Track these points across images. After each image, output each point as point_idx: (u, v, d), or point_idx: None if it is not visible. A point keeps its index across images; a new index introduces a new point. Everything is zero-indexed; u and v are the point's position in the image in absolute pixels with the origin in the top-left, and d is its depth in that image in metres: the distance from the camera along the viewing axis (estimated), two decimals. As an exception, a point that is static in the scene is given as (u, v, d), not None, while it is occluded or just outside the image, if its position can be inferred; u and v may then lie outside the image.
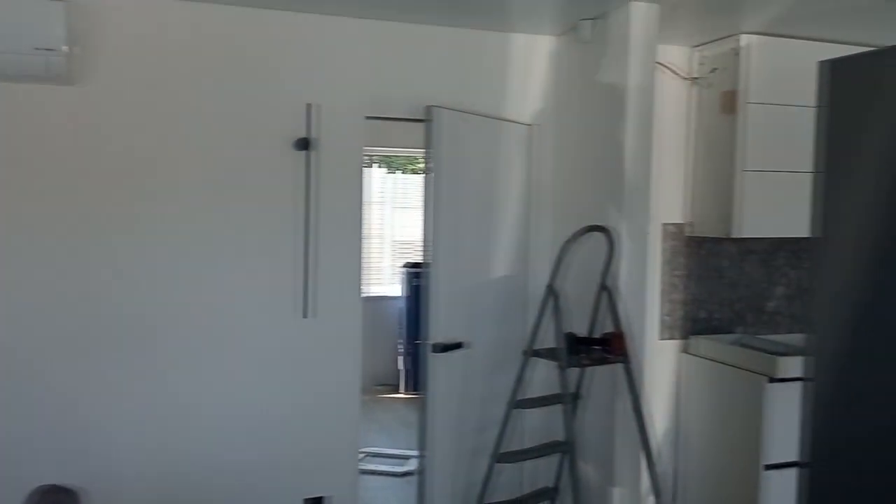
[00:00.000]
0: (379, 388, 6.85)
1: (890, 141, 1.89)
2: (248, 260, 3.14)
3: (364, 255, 3.02)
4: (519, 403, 2.92)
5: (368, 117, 3.28)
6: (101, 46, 2.92)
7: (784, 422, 3.27)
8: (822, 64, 2.10)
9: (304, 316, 3.19)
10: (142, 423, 3.02)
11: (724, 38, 3.51)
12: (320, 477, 3.28)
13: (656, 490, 2.96)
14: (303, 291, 3.18)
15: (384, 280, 7.65)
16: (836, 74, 2.06)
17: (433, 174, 2.92)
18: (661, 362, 3.85)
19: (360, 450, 5.09)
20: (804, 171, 3.51)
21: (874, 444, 1.93)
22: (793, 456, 2.16)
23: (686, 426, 3.84)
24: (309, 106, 3.15)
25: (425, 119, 2.94)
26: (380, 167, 8.56)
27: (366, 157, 8.71)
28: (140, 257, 3.00)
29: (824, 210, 2.10)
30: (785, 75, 3.37)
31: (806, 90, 2.96)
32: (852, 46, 3.12)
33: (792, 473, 2.19)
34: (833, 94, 2.08)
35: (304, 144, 3.13)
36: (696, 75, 3.69)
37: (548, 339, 2.93)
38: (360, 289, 3.34)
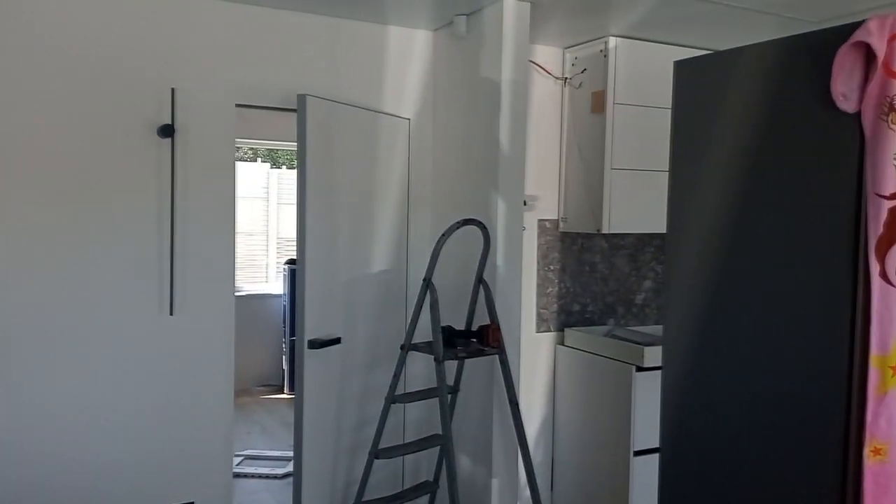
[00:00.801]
0: (262, 388, 6.66)
1: (734, 139, 2.01)
2: (110, 253, 2.96)
3: (241, 250, 2.92)
4: (396, 398, 2.91)
5: (239, 105, 3.17)
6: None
7: (651, 409, 3.42)
8: (676, 64, 2.21)
9: (171, 313, 3.04)
10: (-12, 432, 2.79)
11: (594, 40, 3.64)
12: (190, 482, 3.14)
13: (531, 481, 3.03)
14: (169, 287, 3.03)
15: (269, 278, 7.46)
16: (685, 75, 2.17)
17: (305, 165, 2.86)
18: (538, 354, 3.95)
19: (238, 453, 4.94)
20: (665, 169, 3.73)
21: (721, 432, 2.05)
22: (658, 442, 2.27)
23: (562, 416, 3.96)
24: (173, 91, 3.00)
25: (297, 108, 2.86)
26: (264, 162, 8.34)
27: (249, 151, 8.48)
28: (-16, 253, 2.77)
29: (676, 207, 2.21)
30: (647, 77, 3.54)
31: (665, 92, 3.12)
32: (707, 51, 3.32)
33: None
34: (682, 95, 2.19)
35: (168, 131, 2.99)
36: (567, 76, 3.81)
37: (427, 333, 2.94)
38: (232, 286, 3.22)
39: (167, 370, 3.07)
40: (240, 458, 4.83)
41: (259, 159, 8.54)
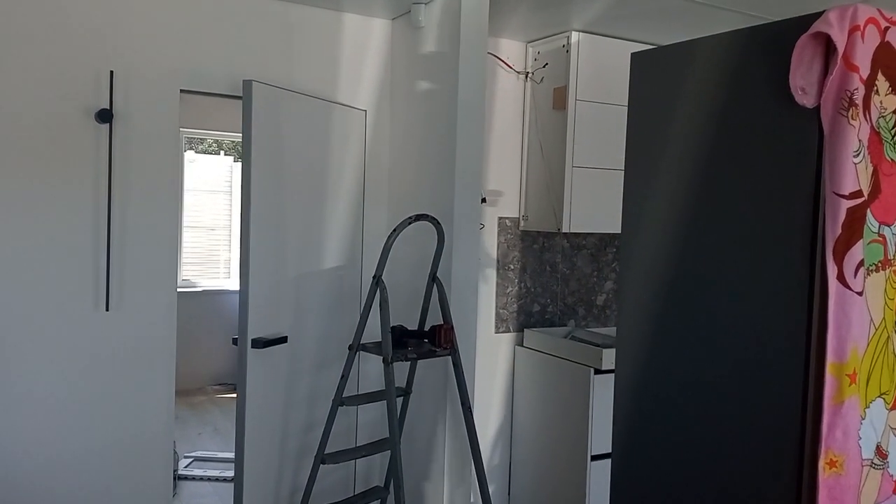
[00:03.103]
0: (218, 387, 6.48)
1: (689, 135, 1.93)
2: (41, 244, 2.79)
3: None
4: (344, 401, 2.78)
5: (184, 91, 3.02)
6: None
7: (609, 413, 3.35)
8: (633, 56, 2.12)
9: (107, 308, 2.89)
10: None
11: (556, 34, 3.55)
12: (125, 488, 2.98)
13: (482, 487, 2.93)
14: (105, 282, 2.87)
15: (231, 273, 7.27)
16: (642, 68, 2.08)
17: (250, 155, 2.72)
18: (497, 355, 3.86)
19: (188, 454, 4.77)
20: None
21: (672, 438, 1.97)
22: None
23: (520, 418, 3.87)
24: (112, 73, 2.84)
25: (242, 95, 2.72)
26: (227, 154, 8.13)
27: (214, 144, 8.27)
28: None
29: (630, 204, 2.12)
30: (609, 74, 3.46)
31: (625, 89, 3.04)
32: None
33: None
34: (639, 89, 2.10)
35: (106, 116, 2.83)
36: (529, 70, 3.72)
37: (377, 333, 2.82)
38: (175, 281, 3.07)
39: (102, 368, 2.90)
40: (189, 460, 4.67)
41: (222, 152, 8.33)
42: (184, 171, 6.66)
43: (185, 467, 4.54)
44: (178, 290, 6.40)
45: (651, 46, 3.57)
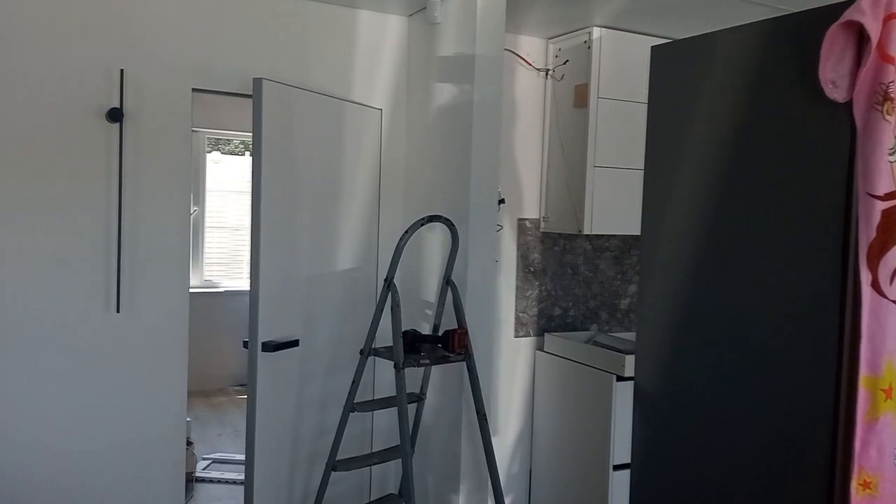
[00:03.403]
0: (238, 388, 6.46)
1: (712, 132, 1.82)
2: (51, 245, 2.77)
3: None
4: (355, 406, 2.72)
5: (196, 90, 2.98)
6: None
7: (630, 415, 3.25)
8: (654, 50, 2.03)
9: (118, 311, 2.85)
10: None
11: (578, 30, 3.45)
12: (137, 490, 2.94)
13: (496, 494, 2.84)
14: (116, 283, 2.84)
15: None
16: (662, 62, 1.98)
17: (260, 154, 2.66)
18: (516, 360, 3.76)
19: (206, 456, 4.75)
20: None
21: (695, 454, 1.86)
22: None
23: (540, 425, 3.77)
24: (122, 72, 2.81)
25: (253, 93, 2.67)
26: (242, 155, 8.12)
27: (240, 145, 8.27)
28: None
29: (651, 204, 2.02)
30: (632, 71, 3.35)
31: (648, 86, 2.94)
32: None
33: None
34: (660, 84, 2.00)
35: (116, 115, 2.80)
36: (550, 67, 3.62)
37: (391, 337, 2.74)
38: (187, 281, 3.03)
39: (112, 370, 2.87)
40: (207, 462, 4.65)
41: (247, 153, 8.33)
42: (206, 172, 6.68)
43: (203, 469, 4.51)
44: (201, 290, 6.45)
45: (667, 41, 3.47)
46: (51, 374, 2.78)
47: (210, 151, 6.86)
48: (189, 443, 4.70)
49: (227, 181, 7.07)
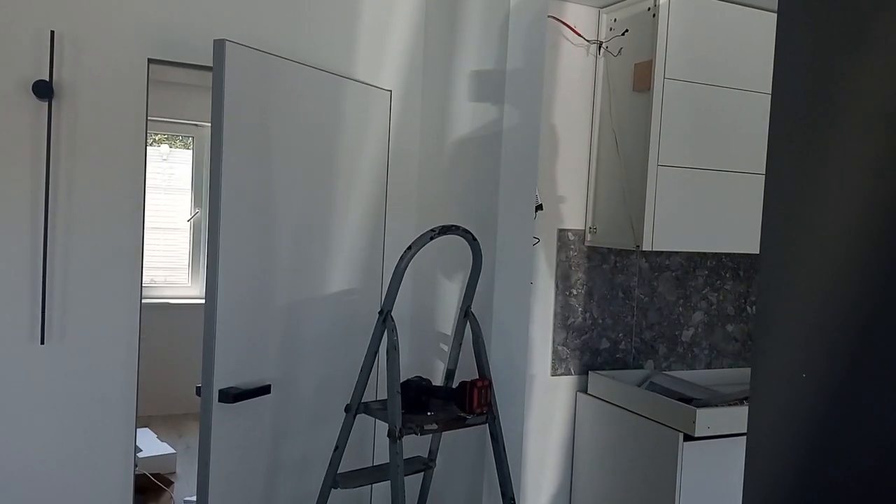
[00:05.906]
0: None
1: (882, 105, 1.11)
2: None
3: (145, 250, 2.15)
4: (337, 480, 2.03)
5: (154, 61, 2.34)
6: None
7: (705, 491, 2.55)
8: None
9: (42, 342, 2.22)
10: None
11: (640, -7, 2.75)
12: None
13: None
14: (41, 305, 2.21)
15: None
16: (796, 7, 1.27)
17: (221, 145, 2.01)
18: (553, 404, 3.07)
19: (187, 498, 4.12)
20: (732, 169, 2.83)
21: None
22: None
23: (582, 485, 3.06)
24: (53, 34, 2.18)
25: (213, 61, 2.01)
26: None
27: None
28: None
29: (779, 208, 1.32)
30: (709, 45, 2.67)
31: (734, 65, 2.30)
32: None
33: None
34: (791, 40, 1.30)
35: (45, 90, 2.17)
36: (603, 40, 2.91)
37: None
38: (138, 295, 2.39)
39: (43, 412, 2.24)
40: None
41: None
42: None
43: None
44: (192, 301, 5.68)
45: (763, 11, 2.76)
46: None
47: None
48: (169, 483, 4.09)
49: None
